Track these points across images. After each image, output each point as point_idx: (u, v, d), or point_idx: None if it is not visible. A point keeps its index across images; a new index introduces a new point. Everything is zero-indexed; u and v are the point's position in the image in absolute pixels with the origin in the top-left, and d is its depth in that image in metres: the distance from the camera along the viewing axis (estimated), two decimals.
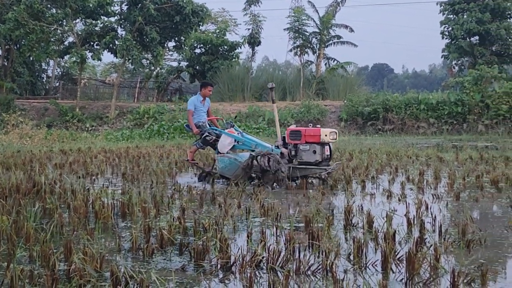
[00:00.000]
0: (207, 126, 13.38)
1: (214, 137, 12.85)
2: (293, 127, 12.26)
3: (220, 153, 12.46)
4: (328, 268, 5.30)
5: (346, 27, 49.27)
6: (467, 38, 46.17)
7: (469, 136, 31.30)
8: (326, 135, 11.61)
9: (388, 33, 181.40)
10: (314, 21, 48.67)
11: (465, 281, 5.07)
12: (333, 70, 47.29)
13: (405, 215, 7.82)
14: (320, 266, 5.40)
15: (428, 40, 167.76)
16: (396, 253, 5.86)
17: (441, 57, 49.97)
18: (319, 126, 12.36)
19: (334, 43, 49.76)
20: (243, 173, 11.90)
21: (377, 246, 6.30)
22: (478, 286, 5.06)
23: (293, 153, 11.85)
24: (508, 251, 6.48)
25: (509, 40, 45.69)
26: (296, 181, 11.87)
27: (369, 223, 7.29)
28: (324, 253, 5.77)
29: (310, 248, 6.29)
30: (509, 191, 10.83)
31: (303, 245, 6.26)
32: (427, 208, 8.62)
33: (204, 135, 13.00)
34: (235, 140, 12.56)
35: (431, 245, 6.03)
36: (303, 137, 11.68)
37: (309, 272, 5.35)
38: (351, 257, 5.87)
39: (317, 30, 48.88)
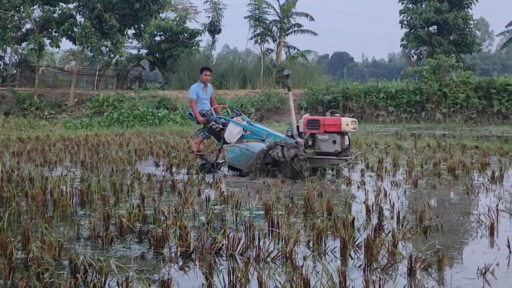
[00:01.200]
0: (213, 114, 12.82)
1: (220, 126, 12.32)
2: (308, 115, 11.79)
3: (227, 143, 12.07)
4: (288, 255, 5.33)
5: (307, 15, 49.37)
6: (426, 28, 46.53)
7: (427, 124, 31.67)
8: (347, 125, 11.26)
9: (348, 22, 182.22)
10: (274, 9, 48.71)
11: (422, 266, 5.15)
12: (294, 58, 47.40)
13: (364, 202, 7.88)
14: (279, 253, 5.43)
15: (388, 29, 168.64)
16: (355, 240, 5.93)
17: (400, 46, 50.34)
18: (338, 114, 12.01)
19: (294, 31, 49.87)
20: (260, 163, 11.26)
21: (336, 233, 6.34)
22: (434, 272, 5.14)
23: (310, 143, 11.37)
24: (465, 237, 6.58)
25: (467, 29, 46.17)
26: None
27: (328, 210, 7.34)
28: (283, 240, 5.80)
29: (270, 235, 6.32)
30: (465, 178, 10.99)
31: (263, 232, 6.28)
32: (385, 195, 8.71)
33: (210, 124, 12.43)
34: (243, 130, 12.13)
35: (389, 232, 6.10)
36: (322, 127, 11.23)
37: (268, 259, 5.38)
38: (311, 244, 5.91)
39: (278, 19, 48.93)
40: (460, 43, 46.33)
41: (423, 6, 45.91)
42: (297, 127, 11.67)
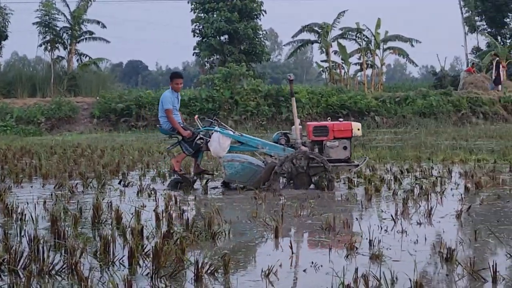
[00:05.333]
0: (199, 126, 11.25)
1: (207, 140, 10.80)
2: (313, 122, 11.39)
3: (218, 157, 10.94)
4: (73, 267, 5.20)
5: (98, 22, 48.59)
6: (217, 37, 47.48)
7: None
8: (358, 129, 10.96)
9: (142, 30, 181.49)
10: (65, 15, 47.45)
11: (208, 271, 5.23)
12: (86, 66, 46.49)
13: (154, 210, 7.90)
14: (65, 265, 5.29)
15: (181, 38, 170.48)
16: (144, 248, 5.91)
17: (193, 54, 51.01)
18: (341, 119, 11.77)
19: (86, 38, 48.90)
20: (275, 177, 10.43)
21: (125, 242, 6.29)
22: (221, 276, 5.24)
23: (316, 150, 10.85)
24: (251, 240, 6.78)
25: (256, 39, 47.67)
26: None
27: (117, 219, 7.28)
28: (69, 252, 5.65)
29: (56, 247, 6.15)
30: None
31: (48, 244, 6.08)
32: (176, 202, 8.78)
33: (197, 137, 10.89)
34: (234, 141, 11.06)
35: (177, 238, 6.14)
36: (331, 133, 10.74)
37: (53, 272, 5.22)
38: (98, 254, 5.82)
39: (68, 25, 47.76)
40: (250, 52, 47.70)
41: (215, 15, 46.82)
42: (285, 134, 11.22)
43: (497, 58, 37.05)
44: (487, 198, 9.21)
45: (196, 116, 12.15)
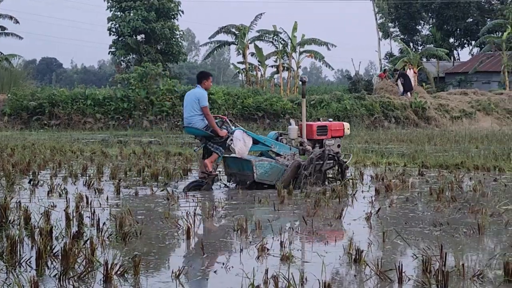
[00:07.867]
0: (231, 126, 11.06)
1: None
2: (313, 122, 11.77)
3: (239, 157, 10.70)
4: None
5: (11, 18, 47.54)
6: (134, 36, 47.09)
7: (135, 132, 31.93)
8: (348, 129, 11.77)
9: (56, 27, 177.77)
10: None
11: (118, 272, 5.18)
12: None
13: (64, 210, 7.76)
14: None
15: (97, 36, 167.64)
16: (52, 249, 5.80)
17: (109, 53, 50.43)
18: (331, 119, 12.33)
19: None
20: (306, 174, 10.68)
21: (33, 243, 6.17)
22: (131, 277, 5.20)
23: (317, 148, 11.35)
24: (163, 241, 6.75)
25: (173, 39, 47.54)
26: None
27: (26, 219, 7.12)
28: None
29: None
30: (170, 184, 11.25)
31: None
32: (87, 202, 8.66)
33: (230, 138, 10.64)
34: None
35: (87, 239, 6.05)
36: (329, 132, 11.44)
37: None
38: (4, 255, 5.68)
39: None
40: (167, 52, 47.51)
41: (131, 14, 46.40)
42: (281, 134, 11.59)
43: (399, 71, 38.04)
44: (397, 200, 9.43)
45: (225, 116, 12.10)
